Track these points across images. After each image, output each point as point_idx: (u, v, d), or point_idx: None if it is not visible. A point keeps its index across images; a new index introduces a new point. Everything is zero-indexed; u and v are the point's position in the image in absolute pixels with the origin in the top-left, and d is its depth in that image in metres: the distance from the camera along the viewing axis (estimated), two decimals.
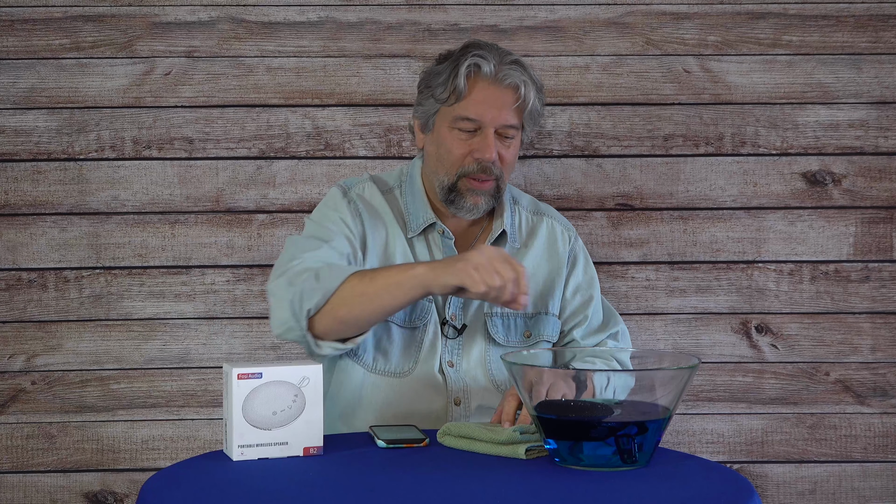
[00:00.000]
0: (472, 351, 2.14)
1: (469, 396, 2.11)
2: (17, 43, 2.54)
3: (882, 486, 2.62)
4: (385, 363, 2.11)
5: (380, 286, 1.93)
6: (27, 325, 2.56)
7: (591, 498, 1.57)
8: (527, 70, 2.12)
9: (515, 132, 2.12)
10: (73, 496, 2.57)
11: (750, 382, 2.62)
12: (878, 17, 2.59)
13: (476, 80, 2.09)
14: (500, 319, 2.16)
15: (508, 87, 2.09)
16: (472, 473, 1.70)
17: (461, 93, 2.08)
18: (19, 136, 2.55)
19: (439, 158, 2.13)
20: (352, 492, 1.61)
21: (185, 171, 2.57)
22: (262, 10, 2.56)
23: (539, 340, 2.18)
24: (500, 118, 2.09)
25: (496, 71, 2.08)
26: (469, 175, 2.10)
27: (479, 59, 2.08)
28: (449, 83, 2.09)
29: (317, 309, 1.96)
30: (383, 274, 1.96)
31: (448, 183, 2.12)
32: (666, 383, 1.73)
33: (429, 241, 2.17)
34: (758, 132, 2.60)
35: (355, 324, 1.98)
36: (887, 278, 2.61)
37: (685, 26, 2.59)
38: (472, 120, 2.09)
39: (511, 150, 2.12)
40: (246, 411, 1.76)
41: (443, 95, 2.10)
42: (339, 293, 1.95)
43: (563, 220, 2.28)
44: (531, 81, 2.11)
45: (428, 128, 2.15)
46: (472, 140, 2.10)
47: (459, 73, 2.08)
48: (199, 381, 2.57)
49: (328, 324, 1.97)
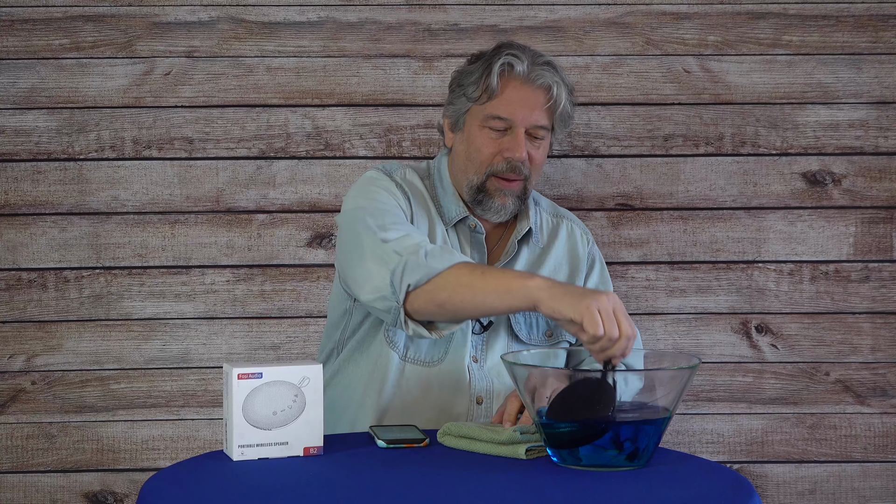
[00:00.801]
0: (495, 348, 2.15)
1: (492, 397, 2.11)
2: (17, 43, 2.54)
3: (882, 486, 2.62)
4: (416, 351, 2.11)
5: (489, 284, 1.87)
6: (27, 325, 2.56)
7: (591, 498, 1.57)
8: (559, 72, 2.13)
9: (545, 133, 2.13)
10: (73, 496, 2.57)
11: (750, 382, 2.62)
12: (878, 17, 2.59)
13: (509, 79, 2.10)
14: (523, 317, 2.16)
15: (540, 87, 2.10)
16: (472, 473, 1.70)
17: (493, 91, 2.09)
18: (19, 136, 2.55)
19: (469, 157, 2.14)
20: (352, 492, 1.61)
21: (185, 171, 2.57)
22: (262, 10, 2.56)
23: (560, 340, 2.19)
24: (531, 118, 2.10)
25: (529, 71, 2.09)
26: (498, 174, 2.11)
27: (512, 59, 2.09)
28: (481, 82, 2.10)
29: (416, 286, 1.91)
30: (495, 273, 1.91)
31: (477, 182, 2.12)
32: (666, 383, 1.73)
33: (459, 234, 2.17)
34: (758, 132, 2.60)
35: (451, 313, 1.93)
36: (887, 278, 2.61)
37: (685, 26, 2.59)
38: (503, 119, 2.10)
39: (541, 150, 2.13)
40: (246, 411, 1.76)
41: (475, 94, 2.11)
42: (444, 277, 1.90)
43: (580, 223, 2.31)
44: (563, 83, 2.12)
45: (458, 127, 2.16)
46: (502, 139, 2.11)
47: (493, 71, 2.09)
48: (199, 381, 2.57)
49: (423, 305, 1.92)
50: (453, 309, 1.91)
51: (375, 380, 2.12)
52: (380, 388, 2.11)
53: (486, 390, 2.12)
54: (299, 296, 2.57)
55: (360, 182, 2.16)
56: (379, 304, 1.96)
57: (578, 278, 2.23)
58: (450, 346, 2.11)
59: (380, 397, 2.11)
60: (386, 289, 1.94)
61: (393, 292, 1.93)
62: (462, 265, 1.91)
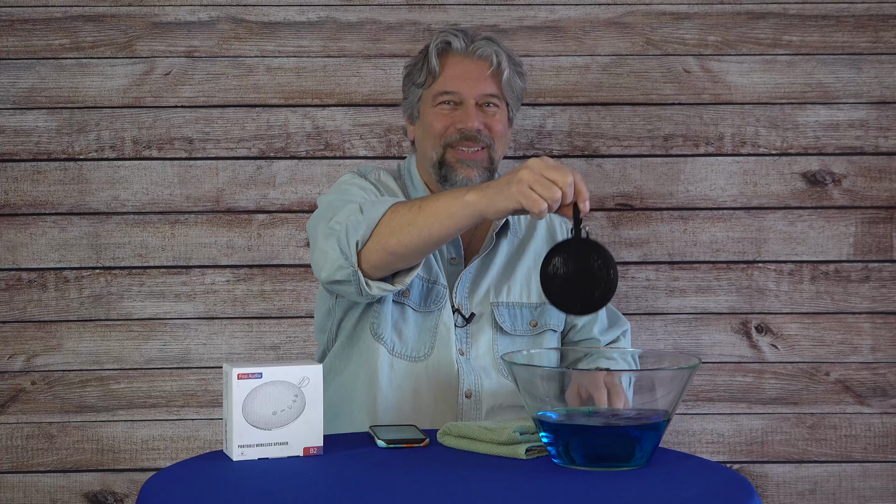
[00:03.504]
0: (480, 340, 2.15)
1: (481, 391, 2.12)
2: (17, 43, 2.54)
3: (882, 486, 2.62)
4: (402, 346, 2.11)
5: (429, 214, 1.88)
6: (27, 325, 2.56)
7: (592, 498, 1.57)
8: (499, 43, 2.17)
9: (498, 102, 2.16)
10: (73, 496, 2.57)
11: (750, 382, 2.62)
12: (878, 17, 2.59)
13: (448, 56, 2.15)
14: (507, 309, 2.17)
15: (481, 57, 2.14)
16: (472, 473, 1.70)
17: (435, 71, 2.14)
18: (19, 136, 2.55)
19: (425, 137, 2.17)
20: (352, 492, 1.61)
21: (185, 171, 2.57)
22: (262, 10, 2.56)
23: (545, 329, 2.20)
24: (477, 88, 2.13)
25: (467, 45, 2.15)
26: (453, 145, 2.13)
27: (448, 37, 2.15)
28: (424, 66, 2.16)
29: (364, 241, 1.92)
30: (431, 202, 1.90)
31: (436, 157, 2.15)
32: (666, 383, 1.73)
33: None
34: (758, 132, 2.60)
35: (405, 255, 1.92)
36: (887, 278, 2.61)
37: (685, 26, 2.59)
38: (450, 93, 2.14)
39: (497, 119, 2.15)
40: (246, 411, 1.76)
41: (420, 79, 2.16)
42: (385, 222, 1.91)
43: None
44: (504, 52, 2.16)
45: (415, 117, 2.21)
46: (454, 113, 2.14)
47: (431, 53, 2.15)
48: (199, 381, 2.58)
49: (378, 256, 1.92)
50: (405, 251, 1.91)
51: (367, 377, 2.12)
52: (372, 386, 2.12)
53: (474, 384, 2.12)
54: (299, 296, 2.57)
55: (333, 185, 2.18)
56: (339, 275, 1.96)
57: None
58: (435, 340, 2.12)
59: (372, 395, 2.12)
60: (339, 257, 1.95)
61: (346, 257, 1.94)
62: (398, 205, 1.93)
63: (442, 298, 2.13)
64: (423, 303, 2.12)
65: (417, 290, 2.12)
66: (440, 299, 2.13)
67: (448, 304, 2.14)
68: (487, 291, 2.17)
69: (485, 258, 2.19)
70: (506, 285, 2.18)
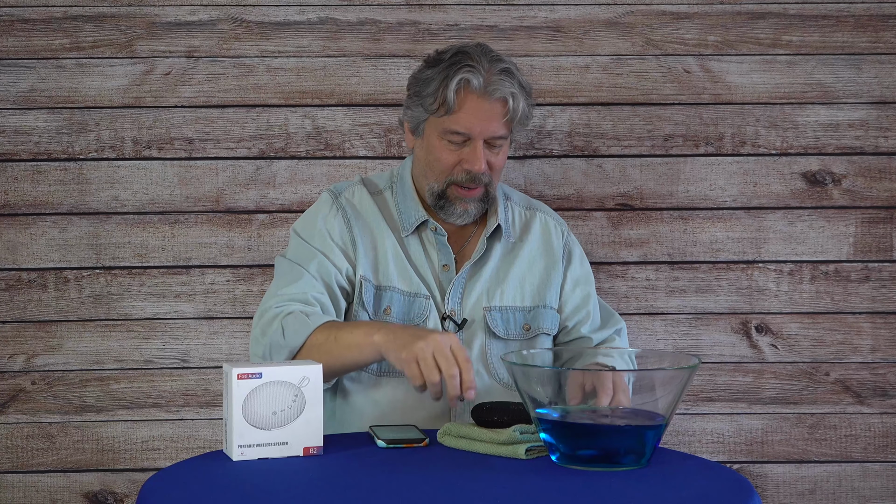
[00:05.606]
0: (472, 345, 2.16)
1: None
2: (17, 43, 2.54)
3: (882, 486, 2.62)
4: (387, 363, 2.11)
5: (342, 346, 1.97)
6: (27, 325, 2.56)
7: (591, 498, 1.57)
8: (515, 77, 2.12)
9: (504, 140, 2.15)
10: (73, 496, 2.57)
11: (750, 382, 2.62)
12: (878, 17, 2.59)
13: (466, 94, 2.10)
14: (500, 313, 2.18)
15: (497, 100, 2.10)
16: (472, 473, 1.70)
17: (451, 107, 2.10)
18: (19, 136, 2.55)
19: (429, 165, 2.16)
20: (352, 492, 1.61)
21: (185, 171, 2.57)
22: (262, 10, 2.56)
23: (538, 334, 2.20)
24: (488, 130, 2.11)
25: (485, 84, 2.09)
26: (458, 183, 2.14)
27: (468, 74, 2.08)
28: (438, 94, 2.11)
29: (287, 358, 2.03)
30: (345, 333, 1.98)
31: (438, 190, 2.16)
32: (666, 383, 1.73)
33: (422, 238, 2.20)
34: (758, 132, 2.60)
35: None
36: (887, 278, 2.61)
37: (685, 26, 2.59)
38: (461, 133, 2.11)
39: (500, 156, 2.16)
40: (246, 411, 1.76)
41: (432, 107, 2.12)
42: (304, 350, 2.01)
43: (554, 215, 2.32)
44: (519, 91, 2.12)
45: (418, 133, 2.18)
46: (461, 150, 2.13)
47: (449, 87, 2.09)
48: (199, 381, 2.57)
49: None
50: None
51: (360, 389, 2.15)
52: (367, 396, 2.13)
53: None
54: None
55: (311, 207, 2.22)
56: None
57: (556, 271, 2.24)
58: None
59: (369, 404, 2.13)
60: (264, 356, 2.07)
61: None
62: (317, 332, 2.00)
63: (426, 309, 2.14)
64: (406, 318, 2.14)
65: (399, 306, 2.14)
66: (424, 311, 2.14)
67: (434, 312, 2.14)
68: (480, 296, 2.18)
69: (477, 263, 2.19)
70: (499, 289, 2.19)
